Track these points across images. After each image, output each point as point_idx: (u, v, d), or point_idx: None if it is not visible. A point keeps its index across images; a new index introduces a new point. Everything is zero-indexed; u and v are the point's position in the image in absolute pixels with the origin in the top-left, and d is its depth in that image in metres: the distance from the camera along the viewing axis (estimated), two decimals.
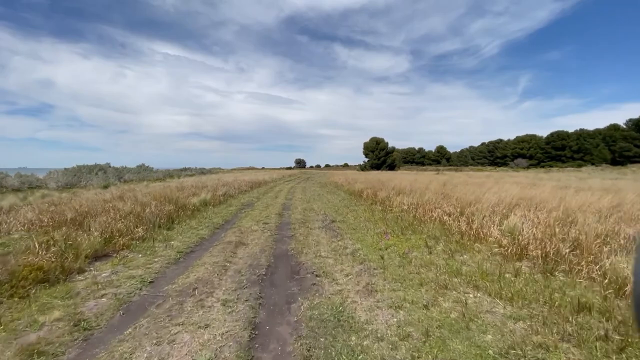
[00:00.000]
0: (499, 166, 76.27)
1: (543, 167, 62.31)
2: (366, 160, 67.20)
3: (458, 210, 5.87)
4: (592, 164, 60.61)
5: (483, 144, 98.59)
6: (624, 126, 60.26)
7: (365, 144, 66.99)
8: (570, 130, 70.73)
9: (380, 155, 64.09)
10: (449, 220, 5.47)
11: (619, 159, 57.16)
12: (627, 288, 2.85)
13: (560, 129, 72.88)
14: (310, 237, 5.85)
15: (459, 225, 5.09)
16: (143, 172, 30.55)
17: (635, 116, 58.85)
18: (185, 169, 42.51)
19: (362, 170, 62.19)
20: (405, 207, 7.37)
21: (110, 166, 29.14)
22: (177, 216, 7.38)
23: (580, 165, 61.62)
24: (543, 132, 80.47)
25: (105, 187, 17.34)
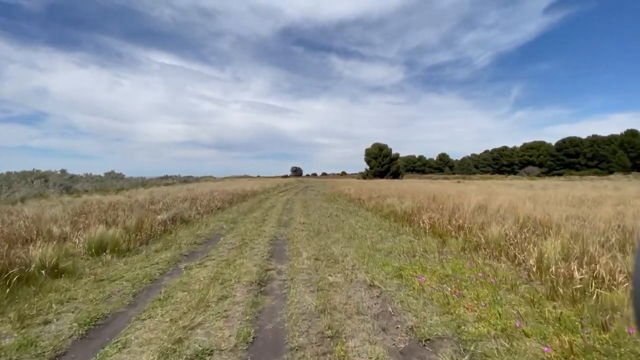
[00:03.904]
0: (508, 174, 72.05)
1: (561, 174, 57.97)
2: (368, 167, 62.39)
3: None
4: (610, 171, 56.46)
5: (487, 151, 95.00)
6: None
7: (367, 150, 62.30)
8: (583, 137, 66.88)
9: (383, 163, 59.34)
10: None
11: None
12: None
13: (551, 138, 69.54)
14: None
15: None
16: (108, 181, 25.29)
17: (624, 127, 55.22)
18: (165, 177, 37.14)
19: (364, 178, 57.35)
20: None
21: (64, 173, 23.83)
22: None
23: (597, 173, 57.38)
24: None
25: (21, 201, 12.22)
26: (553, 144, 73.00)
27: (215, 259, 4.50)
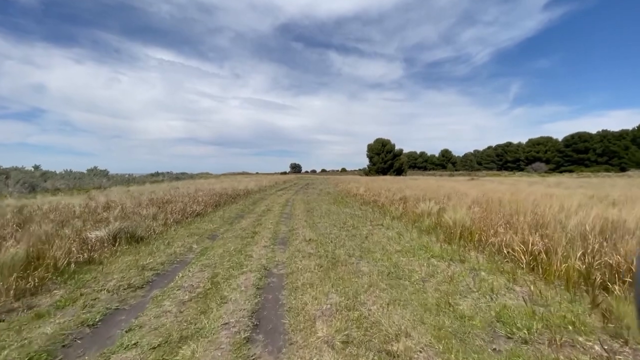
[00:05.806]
0: (513, 171, 69.85)
1: (571, 171, 55.78)
2: (370, 164, 60.03)
3: None
4: (622, 168, 54.31)
5: (490, 147, 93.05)
6: None
7: (369, 146, 59.86)
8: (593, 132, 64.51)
9: (386, 159, 56.94)
10: None
11: None
12: None
13: (550, 135, 67.63)
14: None
15: None
16: (88, 178, 22.85)
17: (623, 124, 53.18)
18: (156, 174, 34.68)
19: (367, 174, 55.03)
20: None
21: (36, 169, 21.39)
22: None
23: (607, 170, 55.19)
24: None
25: None
26: (560, 140, 70.71)
27: (140, 343, 2.17)
